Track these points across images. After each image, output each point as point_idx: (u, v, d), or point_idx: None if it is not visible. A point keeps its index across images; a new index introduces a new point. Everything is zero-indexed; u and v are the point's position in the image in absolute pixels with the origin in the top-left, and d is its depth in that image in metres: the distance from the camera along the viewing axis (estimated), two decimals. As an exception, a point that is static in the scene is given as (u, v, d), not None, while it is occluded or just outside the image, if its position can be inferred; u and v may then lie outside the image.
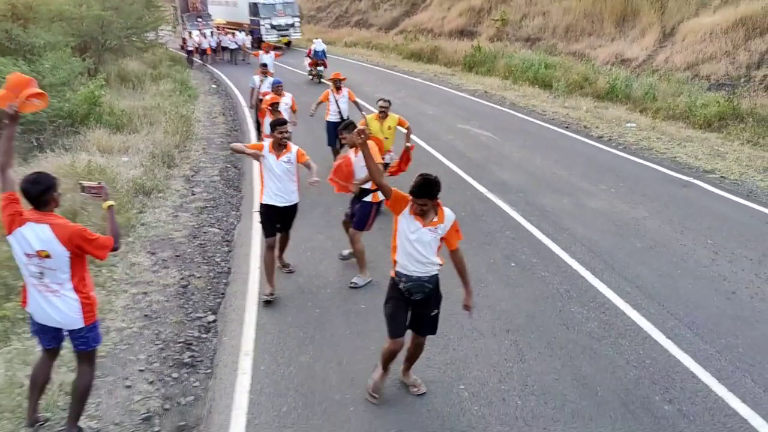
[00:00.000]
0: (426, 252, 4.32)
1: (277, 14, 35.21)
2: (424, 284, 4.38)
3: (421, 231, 4.30)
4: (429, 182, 4.19)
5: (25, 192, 3.72)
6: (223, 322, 6.08)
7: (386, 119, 8.72)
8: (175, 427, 4.58)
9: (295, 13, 36.02)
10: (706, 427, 4.45)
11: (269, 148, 6.27)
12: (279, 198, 6.36)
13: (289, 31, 35.90)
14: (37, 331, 4.10)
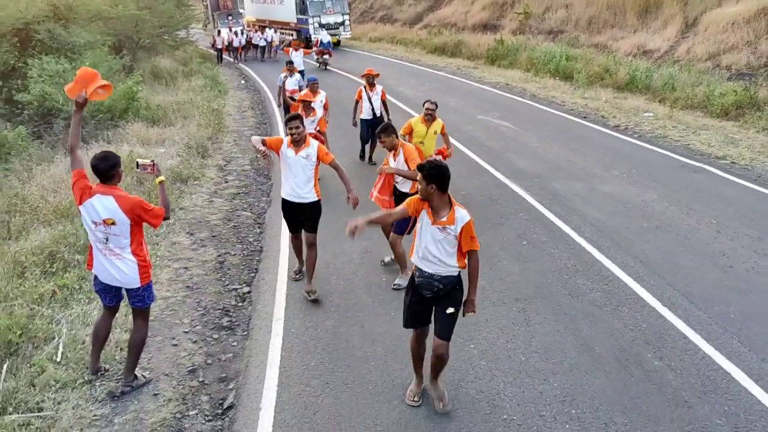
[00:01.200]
0: (435, 250, 4.24)
1: (326, 12, 33.17)
2: (433, 283, 4.29)
3: (430, 228, 4.23)
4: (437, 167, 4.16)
5: (95, 167, 4.37)
6: (256, 292, 6.71)
7: (433, 123, 8.19)
8: (217, 378, 5.21)
9: (345, 11, 34.20)
10: (691, 378, 4.93)
11: (288, 143, 6.17)
12: (294, 194, 6.27)
13: (339, 29, 33.70)
14: (100, 290, 4.75)
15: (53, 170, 10.44)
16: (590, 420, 4.49)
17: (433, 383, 4.67)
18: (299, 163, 6.14)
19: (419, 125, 8.16)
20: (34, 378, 4.89)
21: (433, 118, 8.18)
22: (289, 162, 6.18)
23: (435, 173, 4.12)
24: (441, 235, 4.20)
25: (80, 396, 4.77)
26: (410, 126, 8.19)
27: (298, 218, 6.45)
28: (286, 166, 6.23)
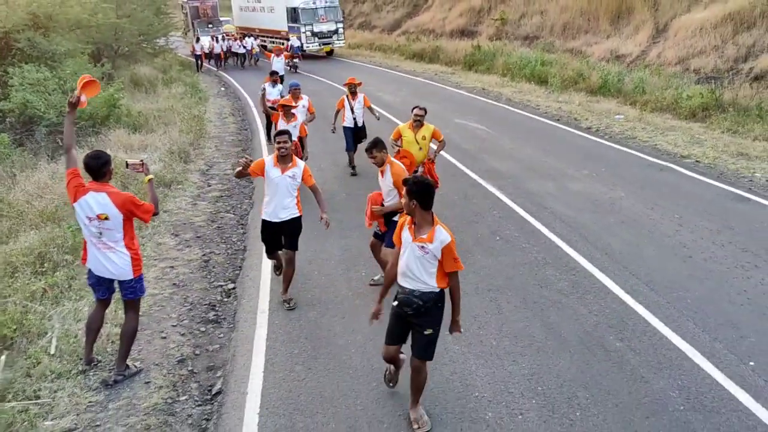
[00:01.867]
0: (415, 268, 4.20)
1: (318, 20, 31.75)
2: (413, 299, 4.25)
3: (411, 245, 4.19)
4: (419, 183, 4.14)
5: (87, 165, 4.65)
6: (241, 288, 6.99)
7: (421, 129, 8.15)
8: (205, 367, 5.49)
9: (338, 18, 32.73)
10: (649, 357, 5.31)
11: (273, 162, 6.06)
12: (276, 215, 6.21)
13: (332, 38, 32.66)
14: (93, 284, 5.02)
15: (37, 176, 10.62)
16: (555, 395, 4.84)
17: (413, 407, 4.57)
18: (285, 182, 6.07)
19: (407, 131, 8.17)
20: (29, 369, 5.14)
21: (422, 124, 8.16)
22: (274, 181, 6.07)
23: (417, 189, 4.09)
24: (420, 253, 4.15)
25: (75, 385, 5.02)
26: (398, 132, 8.26)
27: (278, 238, 6.39)
28: (271, 185, 6.12)
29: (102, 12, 19.78)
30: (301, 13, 31.26)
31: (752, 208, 8.90)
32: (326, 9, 32.01)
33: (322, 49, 32.53)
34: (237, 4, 39.73)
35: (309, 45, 31.69)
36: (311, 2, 31.44)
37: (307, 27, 31.44)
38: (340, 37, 33.15)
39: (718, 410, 4.62)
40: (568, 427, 4.50)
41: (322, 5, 31.76)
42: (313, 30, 31.63)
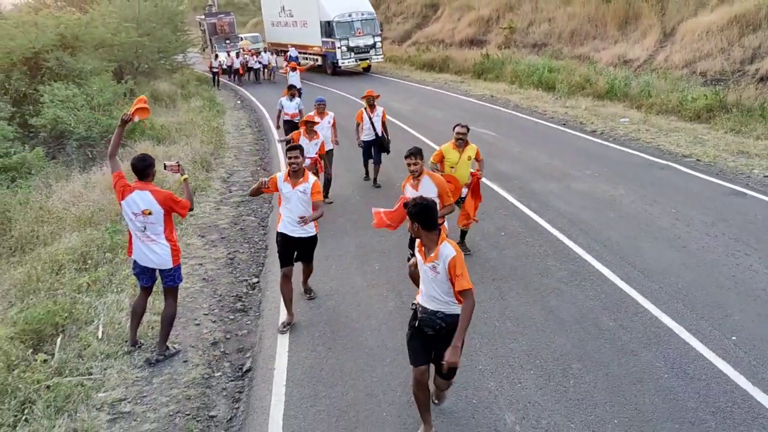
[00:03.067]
0: (432, 289, 4.17)
1: (355, 34, 29.81)
2: (435, 320, 4.19)
3: (423, 267, 4.20)
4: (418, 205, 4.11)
5: (134, 166, 5.27)
6: (264, 282, 7.59)
7: (465, 148, 7.56)
8: (236, 349, 6.08)
9: (375, 32, 30.66)
10: (639, 334, 5.81)
11: (284, 178, 6.12)
12: (293, 228, 6.20)
13: (369, 53, 30.61)
14: (138, 273, 5.64)
15: (71, 186, 11.34)
16: (551, 367, 5.36)
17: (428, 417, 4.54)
18: (296, 197, 6.11)
19: (451, 152, 7.56)
20: (81, 351, 5.76)
21: (465, 142, 7.55)
22: (286, 196, 6.14)
23: (417, 211, 4.07)
24: (432, 273, 4.12)
25: (122, 363, 5.63)
26: (441, 154, 7.61)
27: (292, 251, 6.37)
28: (284, 200, 6.20)
29: (124, 31, 20.61)
30: (336, 26, 29.49)
31: (747, 202, 9.35)
32: (363, 22, 30.13)
33: (358, 64, 30.97)
34: (268, 19, 38.19)
35: (344, 61, 30.08)
36: (347, 15, 29.77)
37: (342, 41, 29.69)
38: (377, 52, 31.14)
39: (699, 377, 5.12)
40: (562, 393, 5.02)
41: (358, 18, 30.00)
42: (348, 44, 29.82)
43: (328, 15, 29.74)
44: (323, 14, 30.13)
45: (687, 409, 4.73)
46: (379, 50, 31.14)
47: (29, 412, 4.85)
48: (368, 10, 30.79)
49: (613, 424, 4.61)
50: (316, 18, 30.70)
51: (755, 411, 4.67)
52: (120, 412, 5.01)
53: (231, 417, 5.03)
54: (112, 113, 15.99)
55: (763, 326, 5.84)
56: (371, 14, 30.79)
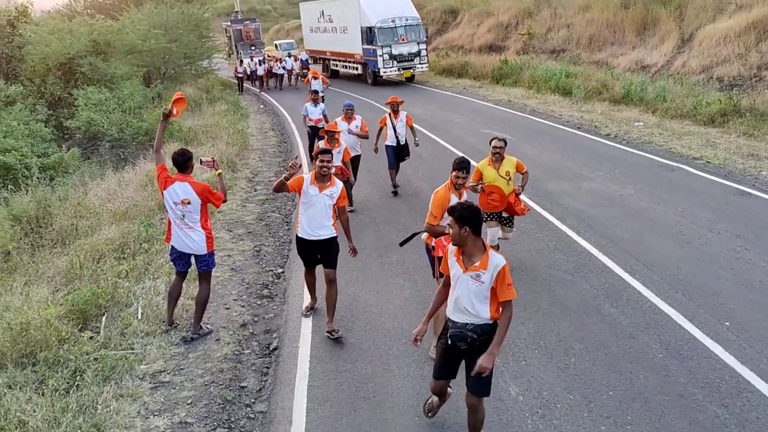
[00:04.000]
0: (466, 301, 4.01)
1: (398, 41, 27.62)
2: (467, 334, 4.03)
3: (462, 277, 4.01)
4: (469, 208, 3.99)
5: (175, 160, 5.83)
6: (289, 272, 8.11)
7: (502, 163, 7.19)
8: (263, 330, 6.60)
9: (421, 39, 28.37)
10: (638, 319, 6.22)
11: (311, 180, 6.02)
12: (312, 233, 6.16)
13: (413, 61, 28.34)
14: (175, 258, 6.19)
15: (105, 184, 12.03)
16: (554, 347, 5.80)
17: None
18: (322, 201, 6.04)
19: (487, 168, 7.20)
20: (123, 329, 6.31)
21: (502, 157, 7.18)
22: (311, 200, 6.05)
23: (468, 215, 3.92)
24: (474, 283, 3.97)
25: (160, 341, 6.18)
26: (478, 173, 7.23)
27: (314, 255, 6.35)
28: (307, 203, 6.09)
29: (154, 38, 21.40)
30: (377, 32, 27.31)
31: (752, 201, 9.68)
32: (407, 28, 27.93)
33: (401, 74, 28.68)
34: (307, 25, 36.46)
35: (386, 69, 27.93)
36: (389, 20, 27.60)
37: (384, 49, 27.49)
38: (422, 60, 28.72)
39: (692, 357, 5.52)
40: (563, 369, 5.45)
41: (402, 23, 27.81)
42: (391, 52, 27.63)
43: (370, 20, 27.81)
44: (364, 20, 28.24)
45: (677, 384, 5.14)
46: (424, 58, 28.90)
47: (80, 380, 5.40)
48: (413, 15, 28.85)
49: (608, 396, 5.04)
50: (357, 24, 28.86)
51: (741, 386, 5.07)
52: (160, 381, 5.55)
53: (260, 388, 5.55)
54: (142, 116, 16.71)
55: (756, 313, 6.21)
56: (416, 19, 28.78)
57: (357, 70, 30.46)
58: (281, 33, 66.65)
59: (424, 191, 10.98)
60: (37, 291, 6.97)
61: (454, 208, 4.00)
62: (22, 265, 8.44)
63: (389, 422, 4.89)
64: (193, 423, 4.98)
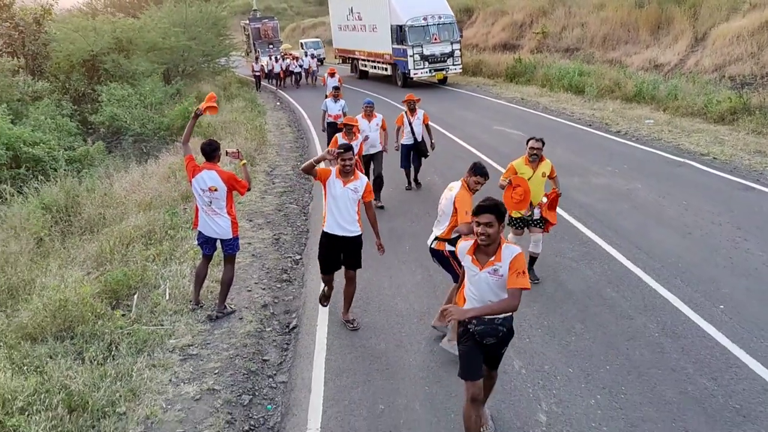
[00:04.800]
0: (491, 298, 3.99)
1: (431, 40, 25.96)
2: (497, 328, 4.07)
3: (480, 275, 3.99)
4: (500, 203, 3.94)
5: (203, 150, 6.26)
6: (306, 258, 8.53)
7: (540, 164, 7.13)
8: (283, 311, 7.02)
9: (455, 38, 26.64)
10: (637, 302, 6.57)
11: (336, 174, 6.03)
12: (340, 228, 6.12)
13: (446, 62, 26.52)
14: (202, 242, 6.62)
15: (129, 176, 12.52)
16: (557, 327, 6.17)
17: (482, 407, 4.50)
18: (346, 195, 6.03)
19: (523, 167, 7.09)
20: (153, 308, 6.76)
21: (540, 158, 7.13)
22: (335, 194, 6.04)
23: (504, 211, 3.96)
24: (493, 278, 3.96)
25: (188, 319, 6.62)
26: (512, 169, 7.13)
27: (337, 254, 6.29)
28: (332, 197, 6.08)
29: (174, 35, 21.94)
30: (408, 31, 25.68)
31: (755, 195, 9.95)
32: (439, 27, 26.26)
33: (433, 75, 26.81)
34: (335, 22, 34.64)
35: (417, 71, 26.13)
36: (421, 18, 25.97)
37: (415, 49, 25.78)
38: (456, 61, 26.87)
39: (686, 336, 5.86)
40: (564, 346, 5.82)
41: (434, 22, 26.15)
42: (422, 53, 25.90)
43: (400, 18, 26.10)
44: (394, 17, 26.56)
45: (671, 359, 5.49)
46: (458, 59, 26.99)
47: (115, 351, 5.85)
48: (446, 12, 27.02)
49: (605, 369, 5.40)
50: (387, 22, 27.16)
51: (731, 362, 5.40)
52: (189, 354, 5.98)
53: (281, 361, 5.97)
54: (163, 112, 17.22)
55: (750, 298, 6.53)
56: (450, 17, 26.96)
57: (386, 71, 29.07)
58: (297, 31, 67.19)
59: (437, 185, 11.35)
60: (71, 273, 7.43)
61: (495, 206, 3.87)
62: (54, 250, 8.93)
63: (401, 391, 5.29)
64: (220, 390, 5.41)
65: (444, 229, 5.74)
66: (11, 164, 12.29)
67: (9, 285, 7.42)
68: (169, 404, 5.17)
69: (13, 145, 12.42)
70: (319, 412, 5.06)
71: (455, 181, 5.84)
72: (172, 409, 5.10)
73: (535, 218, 7.19)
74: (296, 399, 5.30)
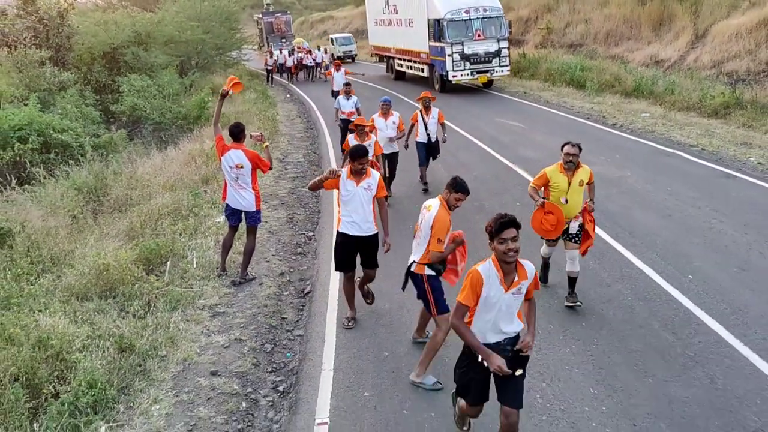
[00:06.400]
0: (506, 318, 3.95)
1: (473, 37, 22.25)
2: (506, 348, 3.98)
3: (504, 297, 3.88)
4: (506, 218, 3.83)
5: (231, 131, 7.09)
6: (319, 235, 9.35)
7: (577, 171, 6.47)
8: (298, 278, 7.85)
9: (502, 35, 22.77)
10: (615, 273, 7.36)
11: (347, 175, 6.00)
12: (356, 227, 6.10)
13: (491, 63, 22.72)
14: (229, 214, 7.45)
15: (151, 162, 13.36)
16: (541, 292, 6.93)
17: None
18: (360, 194, 5.99)
19: (558, 175, 6.45)
20: (182, 274, 7.59)
21: (577, 165, 6.47)
22: (350, 194, 6.01)
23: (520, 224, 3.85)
24: (515, 297, 3.91)
25: (214, 283, 7.46)
26: (545, 177, 6.52)
27: (354, 254, 6.30)
28: (346, 198, 6.04)
29: (190, 29, 22.76)
30: (447, 26, 22.10)
31: (735, 182, 10.69)
32: (484, 21, 22.50)
33: (476, 78, 23.16)
34: (371, 16, 31.30)
35: (456, 73, 22.37)
36: (462, 11, 22.29)
37: (454, 47, 22.09)
38: (503, 62, 22.96)
39: (655, 299, 6.65)
40: (546, 309, 6.60)
41: (478, 15, 22.40)
42: (463, 51, 22.17)
43: (438, 11, 22.52)
44: (432, 10, 23.03)
45: (639, 318, 6.27)
46: (505, 59, 23.10)
47: (153, 308, 6.68)
48: (493, 4, 23.13)
49: (581, 325, 6.21)
50: (423, 15, 23.62)
51: (692, 321, 6.19)
52: (217, 311, 6.82)
53: (298, 319, 6.80)
54: (180, 102, 18.05)
55: (718, 270, 7.30)
56: (497, 9, 23.09)
57: (422, 72, 25.63)
58: (305, 25, 67.97)
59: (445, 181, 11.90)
60: (107, 244, 8.27)
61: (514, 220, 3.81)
62: (88, 226, 9.76)
63: (402, 342, 6.12)
64: (246, 340, 6.24)
65: (422, 252, 5.35)
66: (42, 149, 13.12)
67: (52, 254, 8.25)
68: (202, 350, 6.01)
69: (44, 132, 13.24)
70: (332, 358, 5.89)
71: (432, 199, 5.47)
72: (206, 354, 5.93)
73: (572, 232, 6.51)
74: (312, 348, 6.13)
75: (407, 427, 4.88)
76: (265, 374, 5.72)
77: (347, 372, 5.66)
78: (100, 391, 4.84)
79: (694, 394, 5.03)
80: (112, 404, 4.95)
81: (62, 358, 5.18)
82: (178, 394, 5.26)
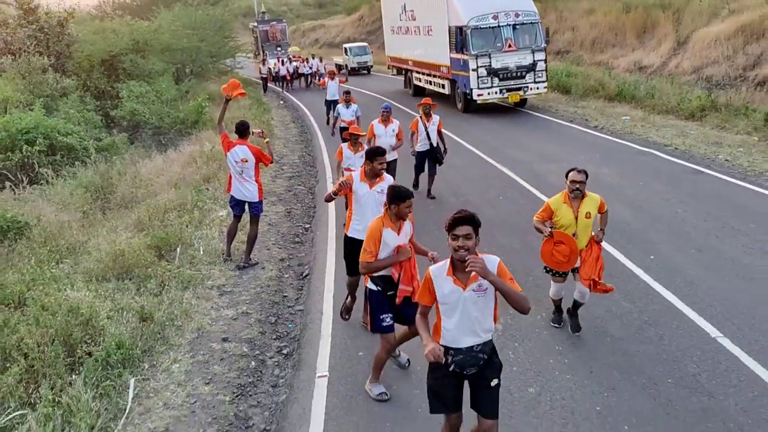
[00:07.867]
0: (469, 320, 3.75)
1: (502, 48, 18.84)
2: (478, 356, 3.81)
3: (464, 295, 3.71)
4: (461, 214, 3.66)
5: (238, 129, 7.80)
6: (315, 226, 10.06)
7: (583, 201, 5.91)
8: (297, 264, 8.55)
9: (538, 45, 19.27)
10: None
11: (360, 178, 5.90)
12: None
13: (525, 79, 19.21)
14: (233, 205, 8.15)
15: (152, 163, 14.02)
16: (518, 270, 7.66)
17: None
18: (373, 198, 5.88)
19: (562, 207, 5.92)
20: (191, 260, 8.26)
21: (583, 194, 5.91)
22: (362, 197, 5.92)
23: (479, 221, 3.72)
24: (479, 295, 3.71)
25: (220, 268, 8.14)
26: (548, 210, 6.02)
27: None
28: (357, 202, 5.95)
29: (186, 37, 23.47)
30: (470, 35, 18.76)
31: (702, 177, 11.49)
32: (516, 28, 19.00)
33: (506, 97, 19.53)
34: (388, 24, 27.91)
35: (483, 91, 18.94)
36: (489, 17, 18.88)
37: (480, 60, 18.73)
38: (538, 77, 19.43)
39: (618, 276, 7.38)
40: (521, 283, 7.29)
41: (508, 21, 18.92)
42: (490, 65, 18.76)
43: (460, 17, 19.22)
44: (453, 16, 19.77)
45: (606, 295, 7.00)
46: (541, 74, 19.51)
47: (167, 288, 7.35)
48: (528, 8, 19.50)
49: (552, 298, 6.92)
50: (444, 21, 20.37)
51: (650, 293, 6.94)
52: (224, 291, 7.50)
53: (298, 297, 7.49)
54: (177, 108, 18.73)
55: (678, 252, 8.06)
56: (532, 14, 19.47)
57: (443, 89, 22.00)
58: (297, 33, 68.75)
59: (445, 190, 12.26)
60: (119, 234, 8.94)
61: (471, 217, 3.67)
62: (98, 220, 10.42)
63: (393, 313, 6.79)
64: (252, 313, 6.93)
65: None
66: (48, 152, 13.76)
67: (68, 244, 8.90)
68: (213, 321, 6.69)
69: (50, 135, 13.89)
70: (330, 327, 6.58)
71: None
72: (217, 324, 6.62)
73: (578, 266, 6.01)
74: (311, 319, 6.83)
75: (396, 376, 5.58)
76: (271, 341, 6.41)
77: (343, 337, 6.36)
78: (128, 351, 5.52)
79: (645, 349, 5.77)
80: (138, 362, 5.63)
81: (92, 325, 5.84)
82: (194, 355, 5.95)
